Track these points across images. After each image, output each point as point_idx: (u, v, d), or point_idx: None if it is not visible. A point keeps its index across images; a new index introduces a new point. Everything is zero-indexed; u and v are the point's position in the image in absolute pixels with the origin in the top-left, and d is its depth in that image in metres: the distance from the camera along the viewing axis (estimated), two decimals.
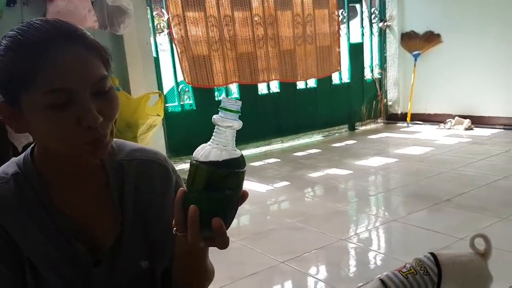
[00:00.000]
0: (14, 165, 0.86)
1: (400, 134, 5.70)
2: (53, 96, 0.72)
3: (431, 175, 3.71)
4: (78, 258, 0.83)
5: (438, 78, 5.90)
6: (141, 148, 0.97)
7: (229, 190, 0.69)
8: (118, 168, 0.91)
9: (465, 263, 1.51)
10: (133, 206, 0.90)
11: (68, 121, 0.73)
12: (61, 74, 0.72)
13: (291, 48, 5.14)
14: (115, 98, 0.80)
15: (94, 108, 0.74)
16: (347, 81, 6.04)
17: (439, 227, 2.60)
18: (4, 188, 0.82)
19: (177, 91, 4.73)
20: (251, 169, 4.45)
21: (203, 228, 0.69)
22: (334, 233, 2.63)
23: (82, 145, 0.76)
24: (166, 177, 0.95)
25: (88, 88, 0.74)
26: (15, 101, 0.75)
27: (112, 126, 0.80)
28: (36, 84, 0.72)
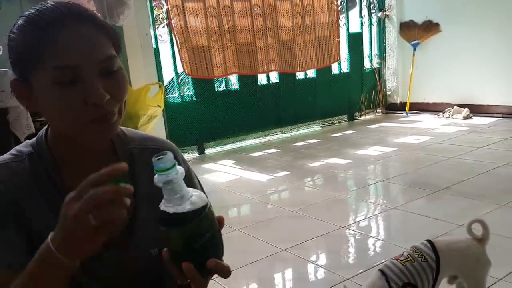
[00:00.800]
0: (28, 146, 0.87)
1: (399, 124, 5.71)
2: (60, 73, 0.74)
3: (430, 164, 3.74)
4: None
5: (437, 68, 5.91)
6: (152, 137, 0.98)
7: (207, 233, 0.70)
8: (129, 155, 0.91)
9: (462, 249, 1.52)
10: (145, 194, 0.91)
11: (75, 99, 0.75)
12: (68, 51, 0.74)
13: (290, 38, 5.14)
14: (123, 79, 0.81)
15: (101, 87, 0.75)
16: (346, 71, 6.05)
17: (439, 214, 2.63)
18: (19, 166, 0.83)
19: (177, 82, 4.74)
20: (251, 159, 4.48)
21: (203, 273, 0.71)
22: (334, 221, 2.66)
23: (89, 123, 0.77)
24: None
25: (96, 67, 0.76)
26: (26, 79, 0.77)
27: (121, 107, 0.81)
28: (45, 61, 0.74)
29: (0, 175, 0.81)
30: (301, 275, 2.12)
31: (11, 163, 0.83)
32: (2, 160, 0.84)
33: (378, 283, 1.43)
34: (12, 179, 0.82)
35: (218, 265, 0.71)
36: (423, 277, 1.44)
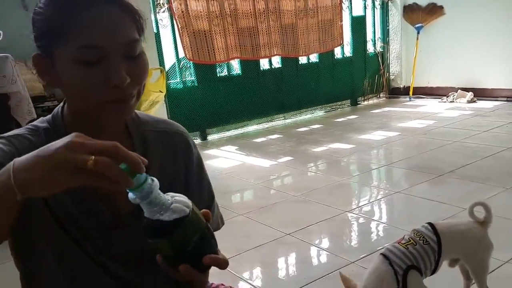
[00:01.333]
0: (44, 121, 0.87)
1: (402, 108, 5.67)
2: (84, 51, 0.74)
3: (434, 148, 3.71)
4: (98, 218, 0.84)
5: (441, 51, 5.85)
6: (164, 120, 0.99)
7: (195, 235, 0.69)
8: (142, 138, 0.91)
9: (464, 231, 1.51)
10: (158, 175, 0.90)
11: (97, 79, 0.75)
12: (94, 31, 0.74)
13: (292, 22, 5.08)
14: (144, 63, 0.81)
15: (123, 70, 0.76)
16: (349, 56, 6.00)
17: (443, 198, 2.62)
18: (36, 140, 0.83)
19: (179, 68, 4.70)
20: (254, 145, 4.46)
21: (200, 269, 0.72)
22: (338, 206, 2.65)
23: (107, 103, 0.77)
24: (188, 149, 0.97)
25: (120, 49, 0.76)
26: (49, 55, 0.77)
27: (140, 90, 0.81)
28: (70, 39, 0.74)
29: (16, 143, 0.81)
30: (306, 259, 2.11)
31: (27, 135, 0.83)
32: (18, 132, 0.84)
33: (381, 268, 1.42)
34: (28, 148, 0.79)
35: (214, 260, 0.72)
36: (425, 259, 1.43)
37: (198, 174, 0.99)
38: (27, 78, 3.04)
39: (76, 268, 0.84)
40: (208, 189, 1.02)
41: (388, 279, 1.39)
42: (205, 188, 1.01)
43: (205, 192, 1.01)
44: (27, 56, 2.71)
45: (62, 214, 0.82)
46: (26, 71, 3.24)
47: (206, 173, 1.03)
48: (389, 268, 1.40)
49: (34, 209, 0.78)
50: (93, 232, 0.84)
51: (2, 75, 2.34)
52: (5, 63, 2.35)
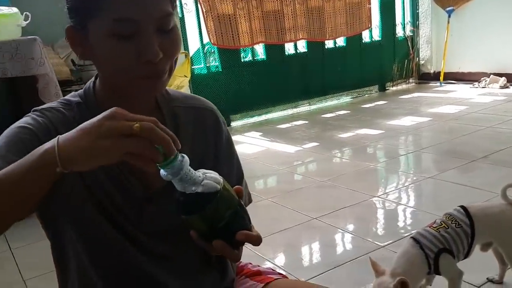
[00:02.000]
0: (76, 96, 0.87)
1: (433, 94, 5.51)
2: (118, 25, 0.73)
3: (466, 133, 3.59)
4: (131, 192, 0.83)
5: (473, 35, 5.64)
6: (194, 96, 0.98)
7: (228, 210, 0.69)
8: (172, 113, 0.91)
9: (496, 213, 1.46)
10: (189, 152, 0.89)
11: (130, 53, 0.74)
12: (128, 5, 0.73)
13: (319, 5, 4.97)
14: (177, 38, 0.80)
15: (156, 44, 0.75)
16: (378, 39, 5.84)
17: (475, 183, 2.53)
18: (69, 114, 0.83)
19: (203, 53, 4.68)
20: (278, 131, 4.42)
21: (234, 246, 0.71)
22: (366, 191, 2.59)
23: (139, 78, 0.77)
24: (218, 126, 0.96)
25: (153, 23, 0.75)
26: (83, 27, 0.77)
27: (172, 65, 0.80)
28: (105, 11, 0.73)
29: (50, 116, 0.81)
30: (334, 243, 2.07)
31: (60, 109, 0.83)
32: (52, 105, 0.84)
33: (412, 251, 1.37)
34: (61, 121, 0.81)
35: (247, 237, 0.70)
36: (458, 242, 1.38)
37: (228, 151, 0.98)
38: (54, 62, 3.07)
39: (105, 242, 0.83)
40: (237, 166, 1.00)
41: (418, 262, 1.35)
42: (234, 165, 0.99)
43: (235, 169, 0.99)
44: (54, 40, 2.73)
45: (97, 189, 0.81)
46: (53, 55, 3.28)
47: (235, 151, 1.02)
48: (420, 252, 1.36)
49: (68, 182, 0.77)
50: (125, 207, 0.84)
51: (30, 57, 2.36)
52: (33, 45, 2.37)
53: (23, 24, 2.50)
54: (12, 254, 2.19)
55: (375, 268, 1.36)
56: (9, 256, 2.18)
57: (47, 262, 0.93)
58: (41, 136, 0.77)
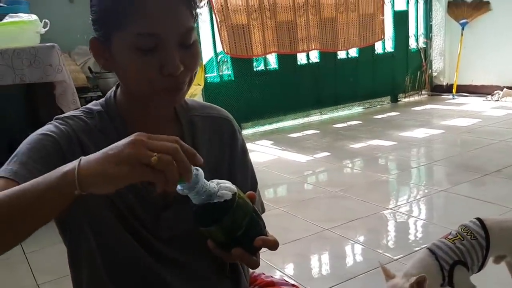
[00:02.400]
0: (97, 104, 0.89)
1: (445, 106, 5.49)
2: (142, 39, 0.75)
3: (479, 147, 3.57)
4: (149, 200, 0.85)
5: (486, 48, 5.61)
6: (211, 106, 1.00)
7: (244, 219, 0.70)
8: (190, 123, 0.93)
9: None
10: (205, 159, 0.91)
11: (152, 66, 0.76)
12: (153, 20, 0.75)
13: (332, 16, 4.99)
14: (198, 52, 0.81)
15: (178, 58, 0.76)
16: (391, 51, 5.84)
17: (488, 197, 2.51)
18: (91, 122, 0.85)
19: (216, 62, 4.71)
20: (289, 140, 4.42)
21: (252, 252, 0.73)
22: (377, 203, 2.58)
23: (161, 91, 0.79)
24: (233, 134, 0.98)
25: (176, 37, 0.77)
26: (107, 39, 0.79)
27: (191, 77, 0.82)
28: (129, 25, 0.75)
29: (72, 124, 0.83)
30: (346, 255, 2.06)
31: (82, 117, 0.85)
32: (74, 113, 0.86)
33: (427, 260, 1.37)
34: (83, 130, 0.83)
35: (265, 242, 0.72)
36: (472, 255, 1.38)
37: (242, 160, 1.00)
38: (71, 69, 3.12)
39: (121, 248, 0.84)
40: (251, 175, 1.02)
41: (433, 272, 1.35)
42: (248, 174, 1.01)
43: (249, 178, 1.01)
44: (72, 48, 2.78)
45: (115, 196, 0.82)
46: (70, 62, 3.33)
47: (249, 160, 1.03)
48: (436, 262, 1.36)
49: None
50: (142, 213, 0.85)
51: (49, 64, 2.40)
52: (51, 52, 2.41)
53: (42, 31, 2.55)
54: (26, 258, 2.22)
55: (386, 272, 1.37)
56: (23, 260, 2.20)
57: (61, 267, 0.95)
58: (63, 144, 0.80)
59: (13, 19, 2.48)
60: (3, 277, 2.10)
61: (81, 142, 0.82)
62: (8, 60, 2.34)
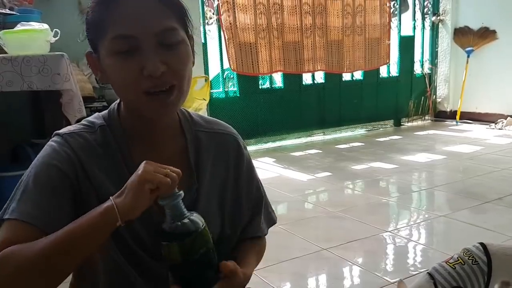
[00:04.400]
0: (100, 118, 0.88)
1: (448, 132, 5.49)
2: (119, 42, 0.75)
3: (481, 174, 3.56)
4: (149, 215, 0.83)
5: (491, 76, 5.65)
6: (216, 121, 0.99)
7: (201, 248, 0.78)
8: (196, 137, 0.92)
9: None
10: (209, 176, 0.92)
11: (132, 69, 0.76)
12: (126, 22, 0.75)
13: (339, 38, 5.05)
14: (183, 53, 0.79)
15: (158, 59, 0.75)
16: (395, 75, 5.88)
17: (489, 225, 2.49)
18: (91, 137, 0.84)
19: (222, 78, 4.76)
20: (291, 159, 4.43)
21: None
22: (377, 225, 2.57)
23: (143, 94, 0.77)
24: (239, 151, 0.98)
25: (153, 38, 0.75)
26: (96, 50, 0.80)
27: (181, 83, 0.80)
28: (107, 32, 0.76)
29: (72, 142, 0.82)
30: (343, 276, 2.05)
31: (83, 133, 0.84)
32: (74, 129, 0.85)
33: (425, 286, 1.36)
34: (83, 147, 0.83)
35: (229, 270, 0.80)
36: (473, 280, 1.36)
37: (248, 175, 1.00)
38: (78, 78, 3.15)
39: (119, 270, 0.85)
40: (256, 188, 1.02)
41: None
42: (253, 189, 1.01)
43: (253, 192, 1.01)
44: (80, 58, 2.80)
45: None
46: (78, 71, 3.37)
47: (255, 175, 1.03)
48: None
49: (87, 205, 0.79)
50: (143, 233, 0.85)
51: (57, 72, 2.43)
52: (60, 61, 2.44)
53: (52, 40, 2.59)
54: None
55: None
56: None
57: None
58: (66, 170, 0.80)
59: (25, 27, 2.52)
60: None
61: (81, 163, 0.81)
62: (18, 67, 2.37)
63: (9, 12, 2.84)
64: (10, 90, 2.37)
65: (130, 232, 0.84)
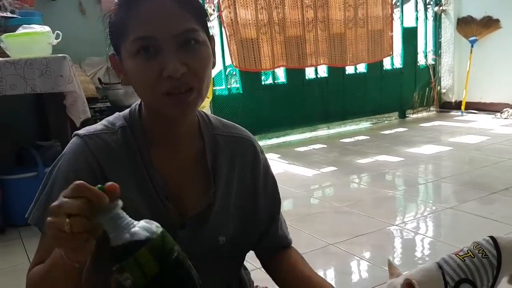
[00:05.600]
0: (121, 118, 0.88)
1: (453, 123, 5.46)
2: (139, 43, 0.76)
3: (488, 164, 3.54)
4: (166, 218, 0.84)
5: (496, 66, 5.60)
6: (234, 125, 1.00)
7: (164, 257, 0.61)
8: (213, 141, 0.92)
9: None
10: (226, 179, 0.91)
11: (152, 70, 0.76)
12: (146, 23, 0.75)
13: (341, 31, 5.02)
14: (203, 54, 0.79)
15: (178, 60, 0.75)
16: (399, 67, 5.85)
17: (497, 216, 2.48)
18: (112, 139, 0.84)
19: (225, 75, 4.75)
20: (296, 154, 4.42)
21: None
22: (383, 219, 2.56)
23: (162, 95, 0.77)
24: (256, 155, 0.97)
25: (173, 39, 0.76)
26: (118, 52, 0.81)
27: (200, 84, 0.79)
28: (129, 34, 0.76)
29: (91, 145, 0.83)
30: (350, 270, 2.05)
31: (103, 134, 0.85)
32: (94, 131, 0.85)
33: (433, 273, 1.36)
34: (102, 150, 0.83)
35: None
36: (482, 273, 1.35)
37: (264, 183, 0.98)
38: (81, 79, 3.16)
39: None
40: (273, 198, 1.01)
41: (435, 284, 1.33)
42: (269, 195, 1.00)
43: (270, 198, 1.00)
44: (82, 59, 2.82)
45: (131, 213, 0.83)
46: (80, 72, 3.37)
47: (273, 182, 1.01)
48: (441, 277, 1.34)
49: None
50: None
51: (60, 74, 2.44)
52: (62, 62, 2.45)
53: (54, 42, 2.59)
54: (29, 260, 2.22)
55: (391, 270, 1.36)
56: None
57: None
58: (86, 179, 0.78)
59: (26, 30, 2.53)
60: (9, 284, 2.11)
61: (100, 166, 0.82)
62: (20, 70, 2.37)
63: (10, 15, 2.84)
64: (14, 93, 2.38)
65: None
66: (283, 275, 1.00)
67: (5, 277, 2.12)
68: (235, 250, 0.94)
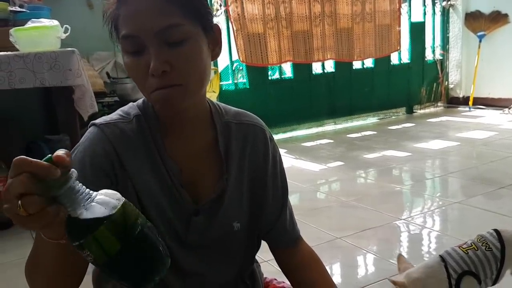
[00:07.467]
0: (135, 108, 0.89)
1: (461, 118, 5.44)
2: (125, 42, 0.76)
3: (495, 159, 3.52)
4: (181, 204, 0.85)
5: (504, 61, 5.56)
6: (245, 113, 0.99)
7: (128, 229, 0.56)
8: (225, 128, 0.92)
9: None
10: (237, 166, 0.92)
11: (141, 68, 0.76)
12: (130, 21, 0.75)
13: (348, 26, 5.01)
14: (189, 51, 0.76)
15: (159, 58, 0.74)
16: (407, 62, 5.82)
17: (504, 210, 2.47)
18: (128, 127, 0.85)
19: (232, 70, 4.75)
20: (303, 149, 4.42)
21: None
22: (391, 213, 2.56)
23: (151, 92, 0.78)
24: (266, 142, 0.98)
25: (154, 36, 0.74)
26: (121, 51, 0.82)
27: (187, 80, 0.77)
28: (119, 29, 0.77)
29: (108, 133, 0.83)
30: (357, 264, 2.05)
31: (120, 123, 0.85)
32: (110, 120, 0.86)
33: (436, 267, 1.35)
34: (119, 137, 0.84)
35: None
36: (485, 266, 1.35)
37: (273, 170, 0.99)
38: (89, 74, 3.17)
39: None
40: (282, 185, 1.01)
41: (438, 279, 1.33)
42: (279, 184, 1.00)
43: (279, 189, 1.00)
44: (90, 53, 2.82)
45: (148, 201, 0.84)
46: (88, 67, 3.39)
47: (282, 169, 1.01)
48: (443, 271, 1.34)
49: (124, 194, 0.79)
50: (175, 219, 0.86)
51: (68, 68, 2.45)
52: (71, 57, 2.46)
53: (63, 36, 2.60)
54: None
55: (399, 264, 1.36)
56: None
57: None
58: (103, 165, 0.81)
59: (35, 24, 2.54)
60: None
61: (117, 153, 0.82)
62: (29, 64, 2.39)
63: (19, 9, 2.86)
64: (23, 87, 2.39)
65: (163, 220, 0.85)
66: (291, 277, 1.05)
67: (15, 269, 2.15)
68: (249, 237, 0.95)
